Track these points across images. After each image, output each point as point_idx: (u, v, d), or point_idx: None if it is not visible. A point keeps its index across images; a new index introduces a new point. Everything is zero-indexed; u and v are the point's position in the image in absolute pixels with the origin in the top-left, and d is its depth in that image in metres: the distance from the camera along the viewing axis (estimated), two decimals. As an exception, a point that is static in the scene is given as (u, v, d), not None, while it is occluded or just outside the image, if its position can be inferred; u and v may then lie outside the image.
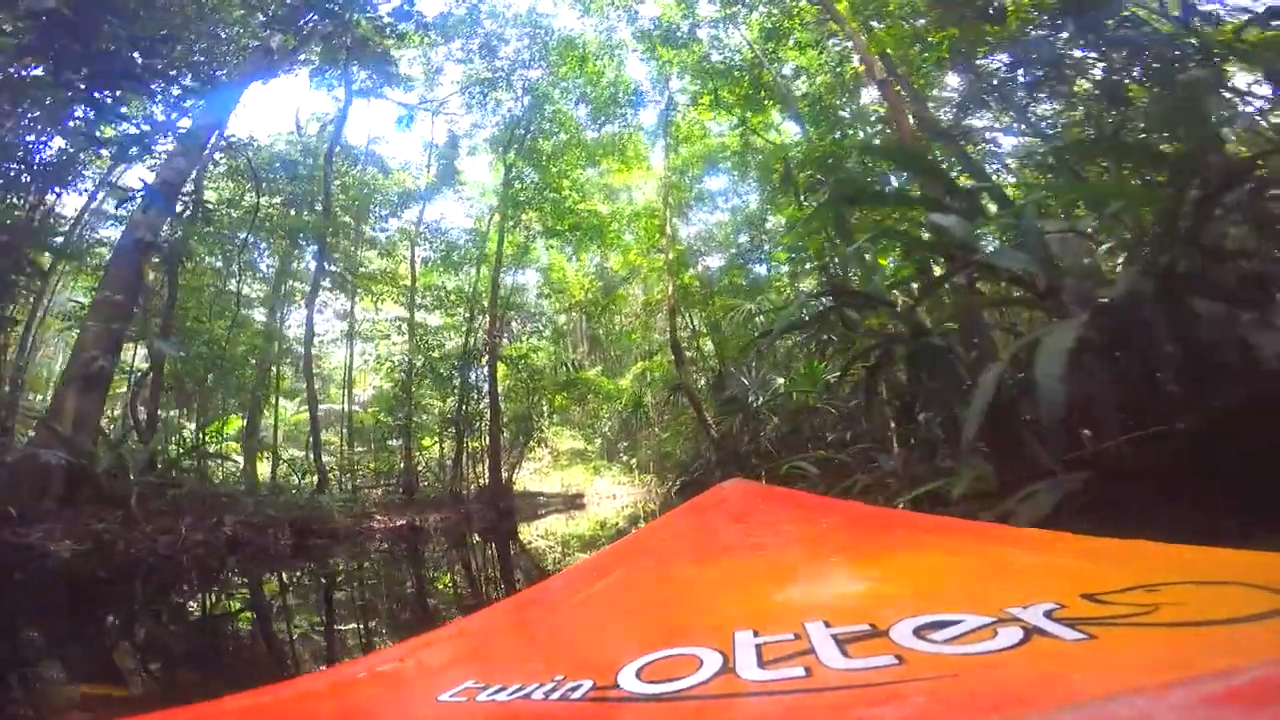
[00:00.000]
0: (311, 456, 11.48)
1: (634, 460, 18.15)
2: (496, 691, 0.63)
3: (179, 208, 8.40)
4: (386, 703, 0.78)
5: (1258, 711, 0.32)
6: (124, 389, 10.28)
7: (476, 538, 9.00)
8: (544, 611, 1.11)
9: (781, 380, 7.71)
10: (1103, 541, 0.89)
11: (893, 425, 4.22)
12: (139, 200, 7.26)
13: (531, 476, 16.48)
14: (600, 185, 15.33)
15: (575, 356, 18.37)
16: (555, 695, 0.59)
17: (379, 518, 9.11)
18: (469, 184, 15.85)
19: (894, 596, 0.77)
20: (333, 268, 13.38)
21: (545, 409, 15.03)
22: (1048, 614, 0.55)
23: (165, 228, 8.25)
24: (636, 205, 15.43)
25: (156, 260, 8.78)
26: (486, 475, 13.04)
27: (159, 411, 10.16)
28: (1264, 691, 0.33)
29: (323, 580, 5.54)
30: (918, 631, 0.56)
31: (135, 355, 9.92)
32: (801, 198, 8.51)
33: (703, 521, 1.44)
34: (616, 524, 9.54)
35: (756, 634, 0.62)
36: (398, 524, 8.91)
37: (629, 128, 14.28)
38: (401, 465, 12.51)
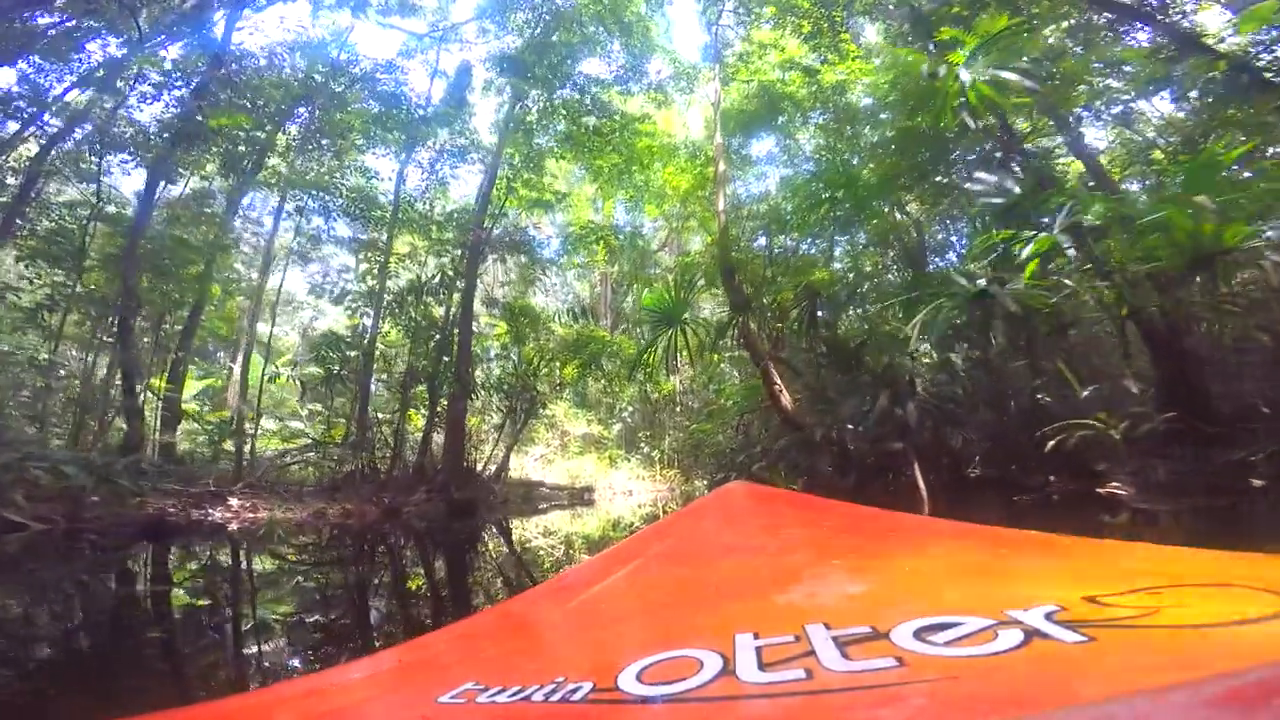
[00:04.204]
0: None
1: (656, 452, 15.94)
2: (497, 693, 0.63)
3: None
4: (385, 704, 0.77)
5: (1258, 713, 0.31)
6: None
7: (415, 545, 5.78)
8: (544, 613, 1.11)
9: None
10: (1103, 544, 0.89)
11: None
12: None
13: (535, 463, 14.20)
14: (635, 126, 12.52)
15: (602, 324, 15.39)
16: (556, 697, 0.59)
17: (233, 507, 6.64)
18: (477, 115, 12.98)
19: (895, 598, 0.77)
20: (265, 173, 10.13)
21: (555, 377, 12.10)
22: (1048, 616, 0.54)
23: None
24: (675, 141, 13.10)
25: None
26: (474, 453, 10.32)
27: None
28: (1264, 693, 0.33)
29: None
30: (918, 633, 0.56)
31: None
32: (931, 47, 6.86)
33: (704, 523, 1.44)
34: (632, 524, 7.56)
35: (757, 636, 0.62)
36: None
37: (671, 55, 12.50)
38: (354, 434, 9.55)
